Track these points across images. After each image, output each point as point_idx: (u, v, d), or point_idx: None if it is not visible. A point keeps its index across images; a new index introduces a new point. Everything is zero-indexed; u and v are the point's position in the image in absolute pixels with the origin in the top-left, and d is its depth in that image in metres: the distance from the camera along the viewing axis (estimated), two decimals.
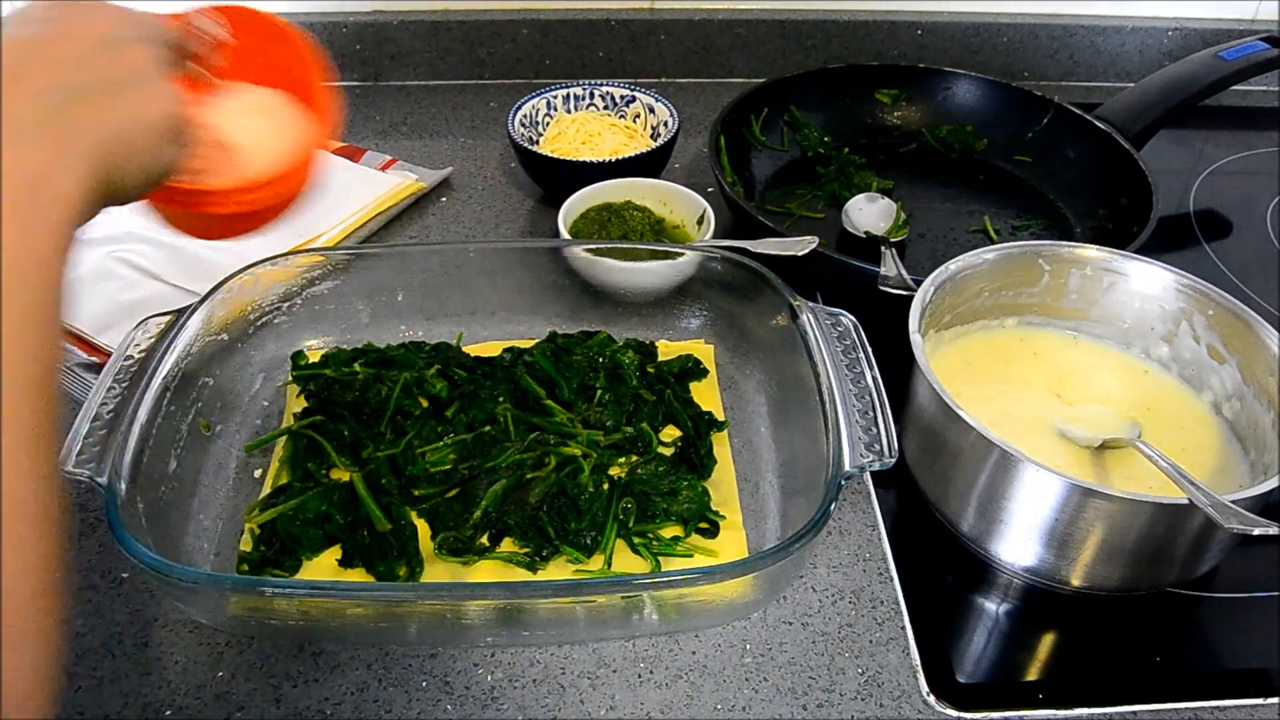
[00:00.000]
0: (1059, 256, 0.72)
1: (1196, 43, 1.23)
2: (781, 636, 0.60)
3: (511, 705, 0.56)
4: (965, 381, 0.70)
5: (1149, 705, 0.57)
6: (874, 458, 0.57)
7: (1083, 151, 1.00)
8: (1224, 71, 1.01)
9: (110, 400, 0.59)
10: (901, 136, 1.09)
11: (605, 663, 0.58)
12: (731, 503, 0.67)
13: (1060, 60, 1.26)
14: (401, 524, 0.63)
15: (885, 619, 0.61)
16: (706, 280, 0.78)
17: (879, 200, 0.94)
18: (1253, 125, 1.20)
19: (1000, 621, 0.63)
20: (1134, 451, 0.63)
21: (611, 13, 1.19)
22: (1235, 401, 0.67)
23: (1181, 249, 0.97)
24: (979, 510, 0.62)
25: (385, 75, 1.21)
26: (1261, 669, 0.60)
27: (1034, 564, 0.61)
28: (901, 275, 0.78)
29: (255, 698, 0.56)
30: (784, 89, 1.06)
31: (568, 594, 0.55)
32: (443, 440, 0.68)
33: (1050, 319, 0.75)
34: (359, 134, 1.10)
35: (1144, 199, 0.89)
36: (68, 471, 0.54)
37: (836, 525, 0.67)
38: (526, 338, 0.79)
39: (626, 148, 1.00)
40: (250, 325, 0.74)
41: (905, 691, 0.57)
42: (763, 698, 0.57)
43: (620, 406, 0.72)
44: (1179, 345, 0.71)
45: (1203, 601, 0.64)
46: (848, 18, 1.21)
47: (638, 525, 0.64)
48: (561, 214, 0.85)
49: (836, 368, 0.62)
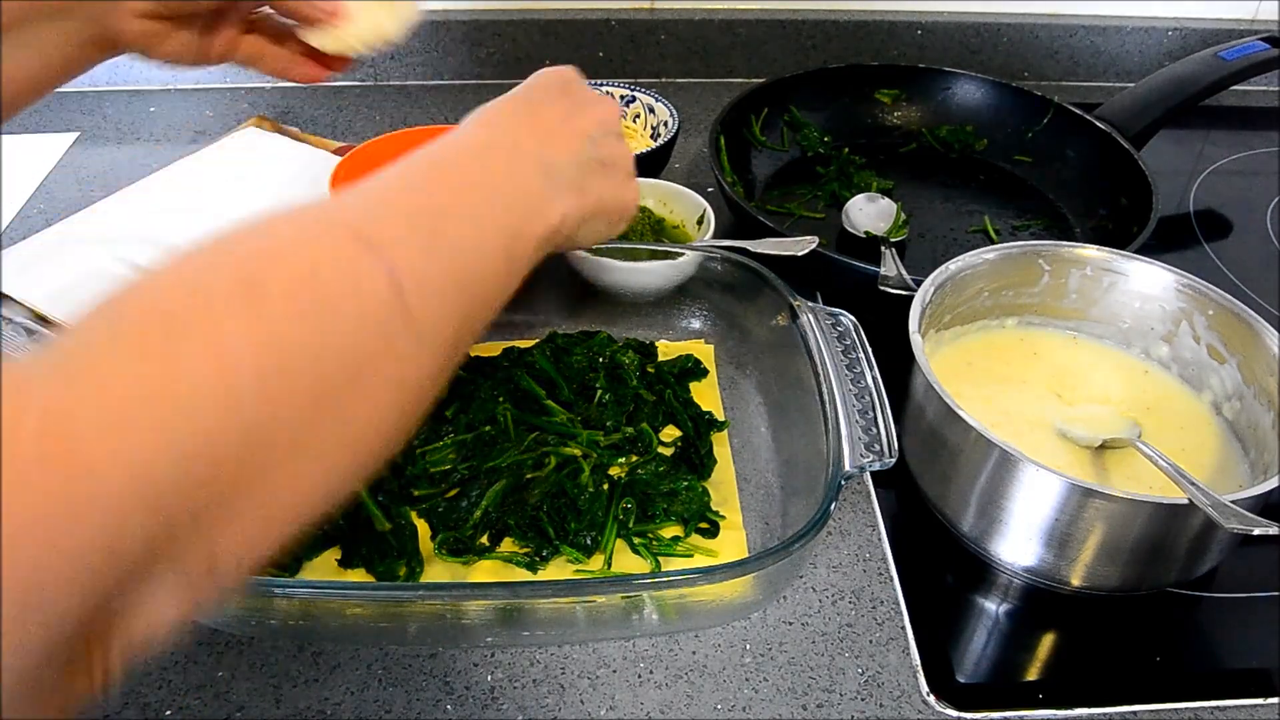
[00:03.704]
0: (1059, 256, 0.72)
1: (1196, 43, 1.23)
2: (781, 636, 0.60)
3: (511, 705, 0.56)
4: (965, 381, 0.70)
5: (1149, 705, 0.57)
6: (874, 458, 0.57)
7: (1083, 151, 1.00)
8: (1224, 71, 1.01)
9: None
10: (901, 136, 1.09)
11: (605, 663, 0.58)
12: (731, 503, 0.67)
13: (1060, 60, 1.26)
14: (401, 524, 0.63)
15: (885, 619, 0.61)
16: (706, 280, 0.78)
17: (879, 200, 0.94)
18: (1253, 125, 1.20)
19: (1000, 621, 0.63)
20: (1134, 451, 0.63)
21: (611, 13, 1.19)
22: (1235, 401, 0.67)
23: (1181, 249, 0.97)
24: (979, 510, 0.62)
25: (385, 75, 1.21)
26: (1261, 669, 0.60)
27: (1034, 564, 0.61)
28: (901, 275, 0.77)
29: (255, 698, 0.56)
30: (784, 89, 1.06)
31: (568, 594, 0.55)
32: (443, 440, 0.68)
33: (1050, 319, 0.75)
34: (359, 134, 1.10)
35: (1144, 199, 0.89)
36: None
37: (836, 525, 0.67)
38: (526, 338, 0.79)
39: None
40: None
41: (905, 691, 0.57)
42: (763, 698, 0.57)
43: (620, 407, 0.72)
44: (1179, 345, 0.71)
45: (1203, 601, 0.64)
46: (848, 18, 1.21)
47: (638, 525, 0.64)
48: None
49: (836, 368, 0.62)
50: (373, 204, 0.40)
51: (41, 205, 0.98)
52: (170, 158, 1.03)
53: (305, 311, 0.33)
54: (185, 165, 1.01)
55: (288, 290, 0.33)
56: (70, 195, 0.99)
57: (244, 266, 0.33)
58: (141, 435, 0.28)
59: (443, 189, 0.43)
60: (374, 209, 0.40)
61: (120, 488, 0.27)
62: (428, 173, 0.44)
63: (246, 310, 0.32)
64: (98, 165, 1.05)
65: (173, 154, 1.04)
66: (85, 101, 1.15)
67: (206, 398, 0.29)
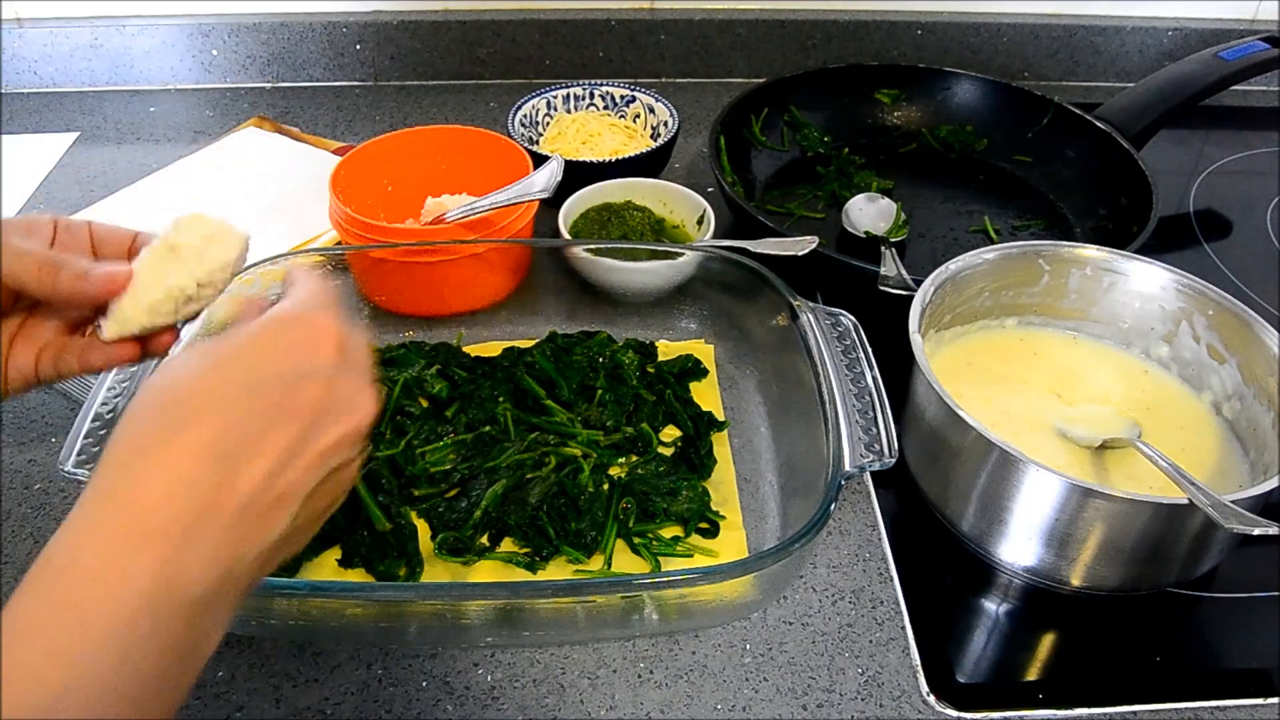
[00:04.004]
0: (1059, 256, 0.72)
1: (1196, 43, 1.23)
2: (781, 636, 0.60)
3: (511, 705, 0.56)
4: (965, 381, 0.70)
5: (1149, 705, 0.57)
6: (874, 458, 0.57)
7: (1083, 151, 1.00)
8: (1224, 71, 1.01)
9: (110, 400, 0.59)
10: (901, 136, 1.09)
11: (605, 663, 0.58)
12: (731, 503, 0.67)
13: (1060, 60, 1.26)
14: (401, 524, 0.63)
15: (885, 619, 0.61)
16: (706, 280, 0.78)
17: (879, 200, 0.94)
18: (1253, 125, 1.20)
19: (1000, 621, 0.63)
20: (1134, 451, 0.63)
21: (611, 13, 1.19)
22: (1235, 401, 0.67)
23: (1181, 249, 0.97)
24: (979, 510, 0.61)
25: (385, 75, 1.21)
26: (1261, 669, 0.60)
27: (1034, 564, 0.61)
28: (901, 275, 0.77)
29: (255, 698, 0.56)
30: (784, 89, 1.06)
31: (568, 594, 0.54)
32: (443, 440, 0.68)
33: (1050, 319, 0.75)
34: (359, 134, 1.10)
35: (1144, 199, 0.89)
36: (67, 471, 0.54)
37: (836, 525, 0.67)
38: (526, 338, 0.79)
39: (626, 148, 1.00)
40: None
41: (905, 691, 0.57)
42: (763, 698, 0.57)
43: (620, 406, 0.72)
44: (1179, 345, 0.71)
45: (1203, 601, 0.64)
46: (848, 18, 1.21)
47: (638, 525, 0.64)
48: (561, 214, 0.85)
49: (836, 368, 0.62)
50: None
51: (41, 205, 0.98)
52: (170, 158, 1.03)
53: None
54: (185, 165, 1.01)
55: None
56: (70, 195, 0.99)
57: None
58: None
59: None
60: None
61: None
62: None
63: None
64: (98, 165, 1.05)
65: (173, 154, 1.04)
66: (85, 101, 1.16)
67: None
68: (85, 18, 1.15)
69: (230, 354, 0.39)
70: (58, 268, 0.46)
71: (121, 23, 1.15)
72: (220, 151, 1.04)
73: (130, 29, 1.15)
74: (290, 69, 1.19)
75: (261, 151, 1.04)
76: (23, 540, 0.65)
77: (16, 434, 0.72)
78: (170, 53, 1.16)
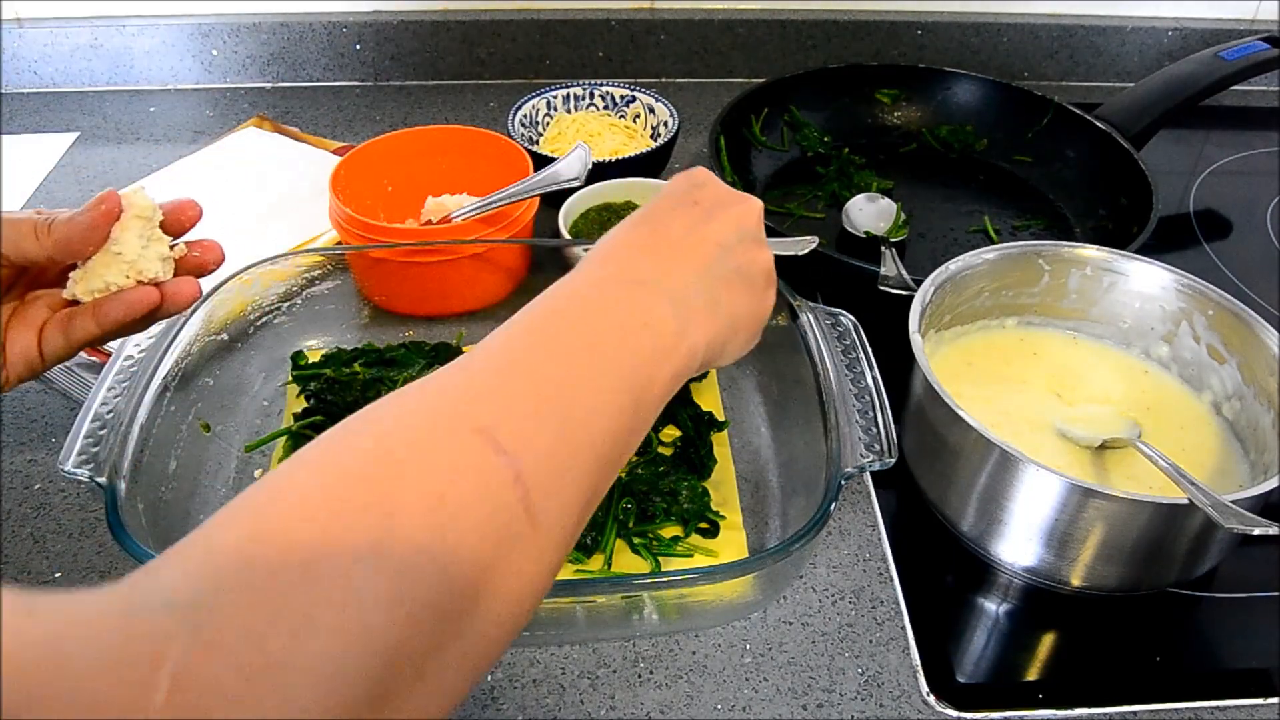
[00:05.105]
0: (1059, 256, 0.72)
1: (1196, 43, 1.23)
2: (781, 636, 0.60)
3: (511, 705, 0.56)
4: (965, 381, 0.70)
5: (1149, 705, 0.57)
6: (874, 458, 0.57)
7: (1083, 151, 1.00)
8: (1224, 71, 1.01)
9: (110, 400, 0.59)
10: (901, 136, 1.09)
11: (605, 663, 0.58)
12: (731, 503, 0.67)
13: (1060, 60, 1.26)
14: None
15: (885, 619, 0.61)
16: None
17: (879, 200, 0.94)
18: (1253, 125, 1.20)
19: (1000, 621, 0.63)
20: (1134, 451, 0.63)
21: (611, 13, 1.19)
22: (1235, 401, 0.67)
23: (1181, 249, 0.97)
24: (979, 510, 0.61)
25: (385, 75, 1.21)
26: (1261, 669, 0.60)
27: (1034, 564, 0.61)
28: (901, 275, 0.77)
29: None
30: (784, 89, 1.06)
31: (568, 594, 0.54)
32: None
33: (1050, 319, 0.75)
34: (359, 134, 1.10)
35: (1144, 199, 0.89)
36: (67, 471, 0.54)
37: (836, 525, 0.67)
38: None
39: (626, 148, 1.00)
40: (250, 325, 0.74)
41: (905, 691, 0.57)
42: (763, 698, 0.57)
43: None
44: (1179, 345, 0.71)
45: (1203, 601, 0.64)
46: (848, 18, 1.21)
47: (638, 525, 0.64)
48: (562, 214, 0.85)
49: (836, 368, 0.62)
50: (499, 395, 0.38)
51: (42, 205, 0.98)
52: (170, 158, 1.03)
53: (434, 536, 0.32)
54: (185, 165, 1.01)
55: (419, 521, 0.32)
56: (70, 195, 0.99)
57: (373, 490, 0.33)
58: (272, 702, 0.27)
59: (564, 359, 0.40)
60: (501, 402, 0.37)
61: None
62: (548, 341, 0.41)
63: (375, 553, 0.31)
64: (98, 165, 1.05)
65: (173, 154, 1.04)
66: (85, 101, 1.16)
67: (337, 656, 0.29)
68: (85, 18, 1.15)
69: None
70: (49, 220, 0.53)
71: (121, 23, 1.15)
72: (220, 151, 1.04)
73: (130, 29, 1.15)
74: (290, 69, 1.19)
75: (261, 151, 1.04)
76: (23, 540, 0.65)
77: (16, 434, 0.72)
78: (170, 53, 1.16)
